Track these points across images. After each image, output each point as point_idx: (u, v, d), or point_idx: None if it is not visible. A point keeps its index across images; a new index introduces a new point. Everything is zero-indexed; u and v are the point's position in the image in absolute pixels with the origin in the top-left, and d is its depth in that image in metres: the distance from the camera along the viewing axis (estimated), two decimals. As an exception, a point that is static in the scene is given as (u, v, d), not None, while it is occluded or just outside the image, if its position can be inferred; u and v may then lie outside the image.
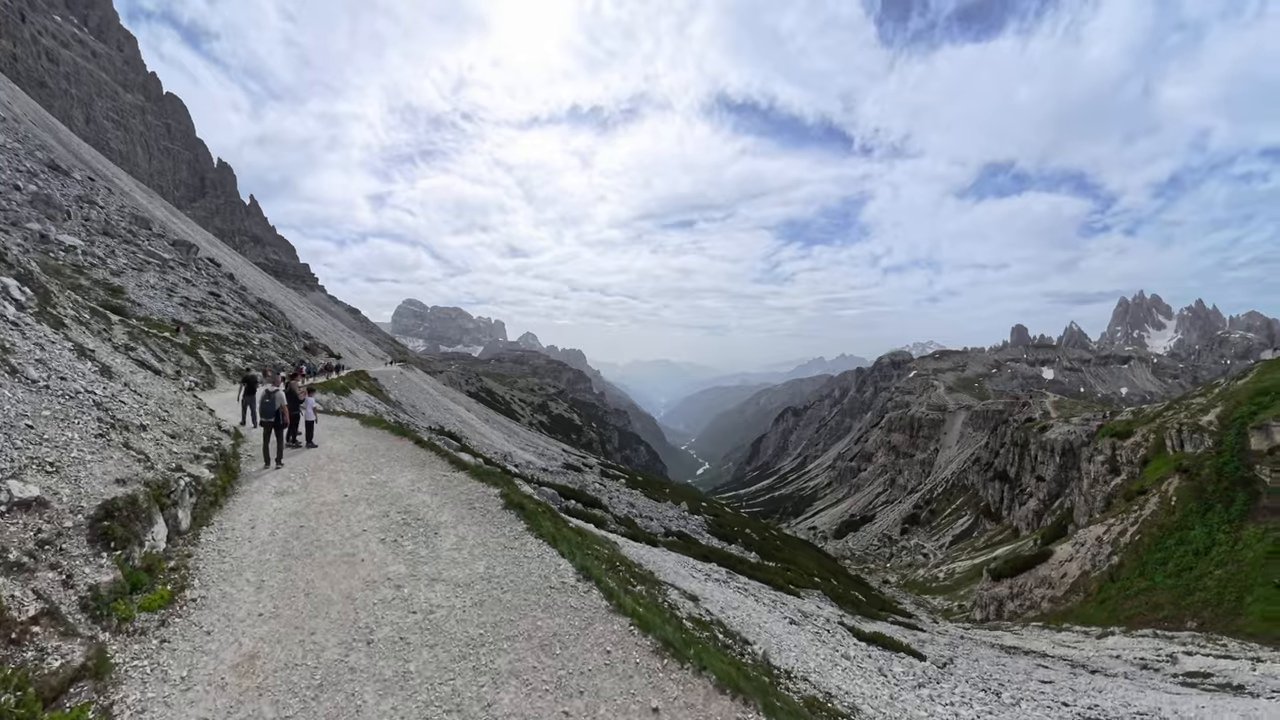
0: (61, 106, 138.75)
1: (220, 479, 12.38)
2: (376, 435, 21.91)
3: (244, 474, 14.81)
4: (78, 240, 42.31)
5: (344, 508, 12.56)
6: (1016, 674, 20.92)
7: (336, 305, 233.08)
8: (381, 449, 19.10)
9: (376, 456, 17.84)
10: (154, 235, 58.48)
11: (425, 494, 13.91)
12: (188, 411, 15.61)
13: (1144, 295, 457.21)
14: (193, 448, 12.52)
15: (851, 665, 16.48)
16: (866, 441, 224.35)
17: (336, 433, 21.98)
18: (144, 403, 12.90)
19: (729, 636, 13.65)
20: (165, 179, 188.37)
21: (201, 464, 11.94)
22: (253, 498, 12.92)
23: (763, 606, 20.60)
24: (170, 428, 12.69)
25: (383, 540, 10.84)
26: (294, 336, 66.15)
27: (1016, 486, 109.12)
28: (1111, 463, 59.31)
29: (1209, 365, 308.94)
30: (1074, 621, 38.68)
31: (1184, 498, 44.71)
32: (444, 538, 11.26)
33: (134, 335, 27.93)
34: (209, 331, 41.77)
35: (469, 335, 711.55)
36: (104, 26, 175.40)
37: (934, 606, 62.09)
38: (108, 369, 13.39)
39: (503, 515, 12.75)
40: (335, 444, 19.71)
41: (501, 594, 9.13)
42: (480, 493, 14.25)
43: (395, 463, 16.93)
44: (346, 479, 14.91)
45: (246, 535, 10.64)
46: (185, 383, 27.50)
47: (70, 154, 74.58)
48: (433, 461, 17.45)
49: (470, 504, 13.38)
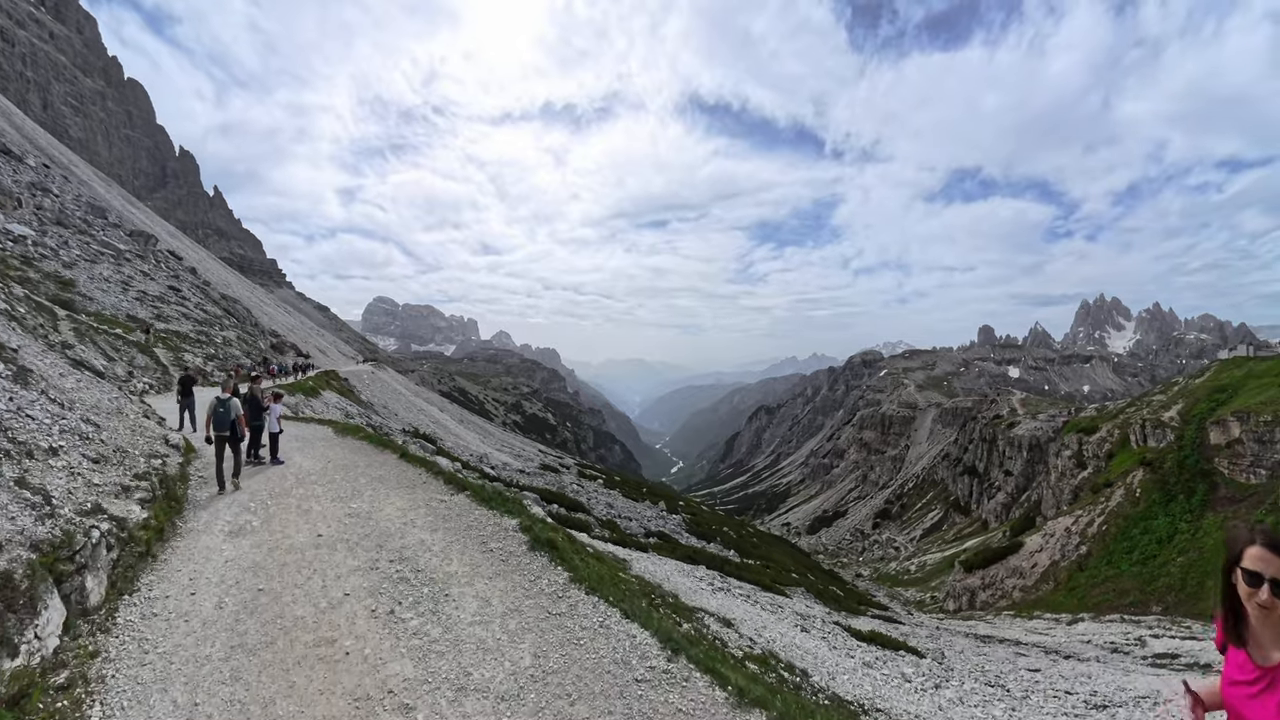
0: (17, 90, 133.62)
1: (157, 516, 9.62)
2: (353, 447, 19.23)
3: (191, 501, 12.04)
4: (28, 230, 40.55)
5: (318, 555, 9.70)
6: (1003, 664, 21.31)
7: (305, 302, 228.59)
8: (361, 465, 16.41)
9: (355, 475, 15.13)
10: (110, 225, 56.40)
11: (422, 529, 11.20)
12: (129, 422, 13.42)
13: (1104, 298, 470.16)
14: (123, 474, 9.86)
15: (876, 674, 15.94)
16: (839, 439, 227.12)
17: (306, 444, 19.33)
18: (62, 416, 10.38)
19: (789, 670, 12.64)
20: (125, 168, 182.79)
21: (131, 498, 9.24)
22: (199, 540, 10.05)
23: (774, 616, 20.05)
24: (95, 448, 10.12)
25: (374, 612, 7.88)
26: (260, 334, 64.68)
27: (985, 481, 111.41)
28: (1078, 457, 60.87)
29: (1166, 365, 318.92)
30: (1045, 609, 39.61)
31: (1148, 489, 46.12)
32: (461, 603, 8.27)
33: (81, 332, 26.78)
34: (167, 329, 40.32)
35: (441, 334, 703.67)
36: (62, 6, 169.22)
37: (907, 598, 63.06)
38: (24, 372, 11.05)
39: (529, 558, 10.04)
40: (305, 459, 17.01)
41: (571, 706, 6.27)
42: (492, 525, 11.52)
43: (379, 483, 14.29)
44: (320, 508, 12.20)
45: (183, 609, 7.65)
46: (138, 384, 25.82)
47: (24, 139, 71.83)
48: (424, 481, 14.66)
49: (483, 542, 10.62)
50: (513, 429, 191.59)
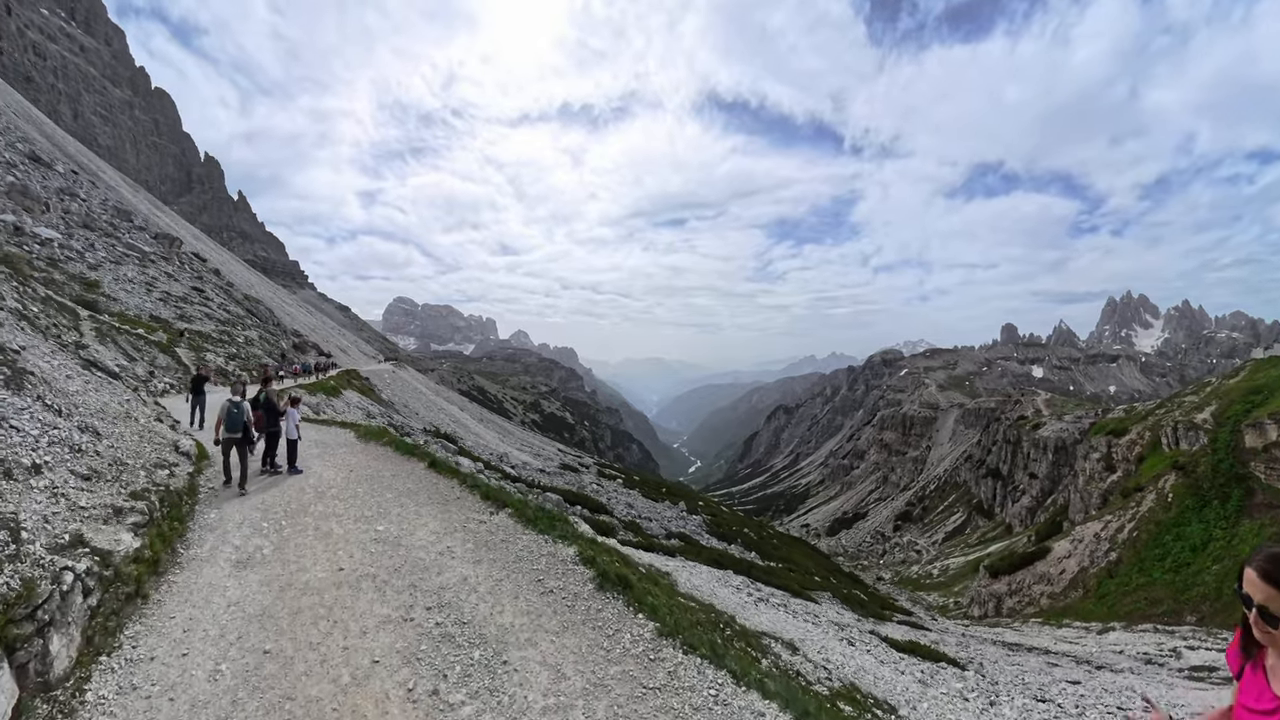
0: (49, 101, 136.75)
1: (152, 544, 8.23)
2: (377, 454, 17.81)
3: (198, 521, 10.68)
4: (55, 233, 41.21)
5: (339, 598, 8.10)
6: (1039, 674, 20.79)
7: (326, 303, 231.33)
8: (386, 475, 15.05)
9: (381, 488, 13.79)
10: (135, 228, 57.38)
11: (463, 560, 9.53)
12: (137, 427, 12.56)
13: (1131, 295, 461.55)
14: (116, 493, 8.56)
15: (934, 692, 15.22)
16: (859, 439, 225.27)
17: (327, 450, 18.04)
18: (54, 426, 9.08)
19: (878, 706, 11.71)
20: (152, 174, 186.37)
21: (123, 523, 7.96)
22: (200, 572, 8.47)
23: (819, 629, 19.36)
24: (88, 462, 8.88)
25: (411, 691, 6.14)
26: (282, 334, 65.40)
27: (1009, 483, 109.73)
28: (1107, 460, 59.62)
29: (1195, 364, 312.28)
30: (1074, 617, 38.76)
31: (1180, 494, 44.97)
32: (525, 674, 6.52)
33: (102, 332, 26.95)
34: (190, 328, 40.74)
35: (460, 333, 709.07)
36: (91, 20, 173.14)
37: (930, 603, 62.21)
38: (21, 375, 9.98)
39: (600, 601, 8.38)
40: (325, 468, 15.72)
41: None
42: (545, 554, 9.83)
43: (407, 498, 12.95)
44: (341, 530, 10.70)
45: (170, 678, 6.05)
46: (158, 384, 25.80)
47: (54, 147, 73.29)
48: (458, 496, 13.16)
49: (539, 580, 8.91)
50: (531, 428, 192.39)
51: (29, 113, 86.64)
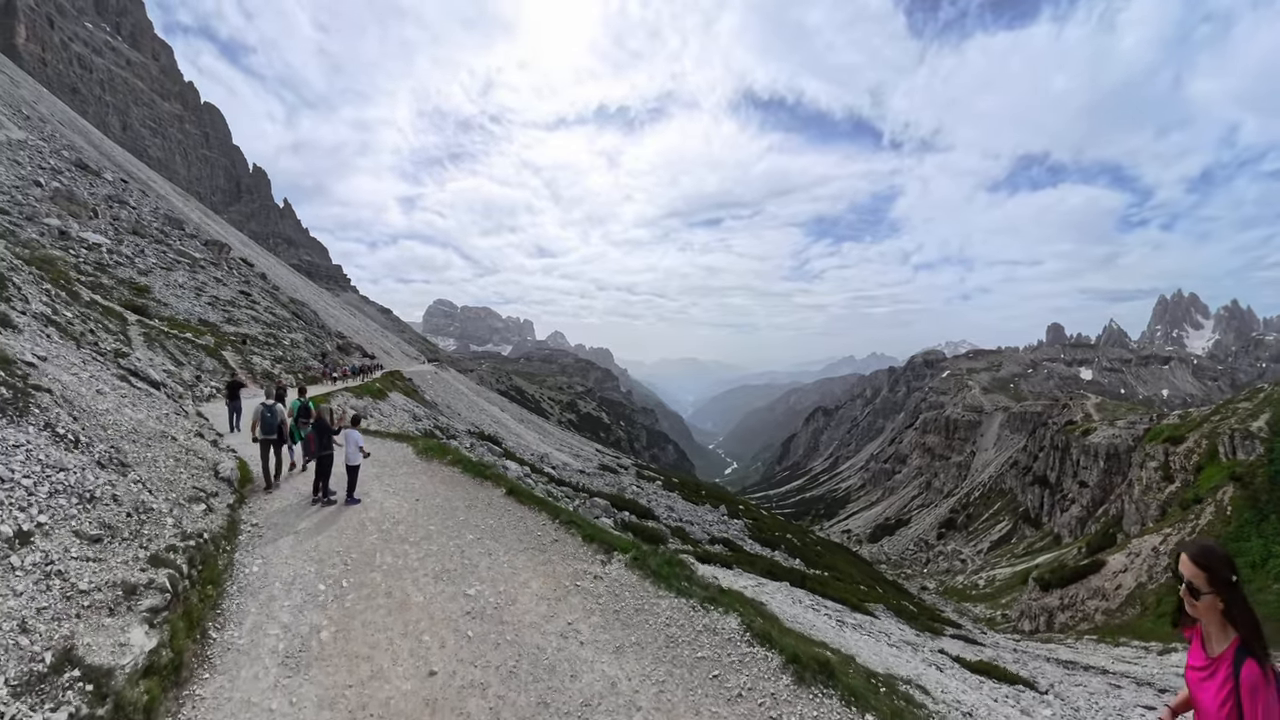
0: (96, 113, 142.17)
1: (174, 636, 6.19)
2: (444, 476, 15.41)
3: (237, 580, 8.67)
4: (103, 238, 41.75)
5: None
6: (1108, 696, 20.18)
7: (369, 305, 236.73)
8: (459, 506, 12.84)
9: (456, 524, 11.69)
10: (186, 236, 58.81)
11: (598, 649, 7.26)
12: (174, 449, 11.09)
13: (1182, 294, 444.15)
14: (133, 558, 6.75)
15: None
16: (900, 443, 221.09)
17: (385, 471, 15.94)
18: (59, 467, 7.12)
19: None
20: (202, 185, 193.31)
21: (136, 610, 6.00)
22: (234, 683, 6.21)
23: (912, 654, 18.35)
24: (101, 514, 7.00)
25: None
26: (327, 336, 66.88)
27: (1057, 492, 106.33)
28: (1164, 469, 57.49)
29: (1245, 368, 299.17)
30: (1131, 635, 37.42)
31: (1239, 507, 43.18)
32: None
33: (150, 337, 27.07)
34: (237, 331, 40.84)
35: (498, 334, 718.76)
36: (137, 35, 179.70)
37: (976, 615, 60.79)
38: (28, 395, 8.15)
39: (810, 703, 6.39)
40: (387, 496, 13.60)
41: None
42: (701, 629, 7.66)
43: (492, 539, 10.90)
44: (422, 598, 8.45)
45: None
46: (204, 389, 25.55)
47: (102, 156, 75.94)
48: (555, 538, 11.03)
49: (714, 677, 6.70)
50: (568, 427, 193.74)
51: (75, 122, 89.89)
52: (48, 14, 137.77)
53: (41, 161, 49.80)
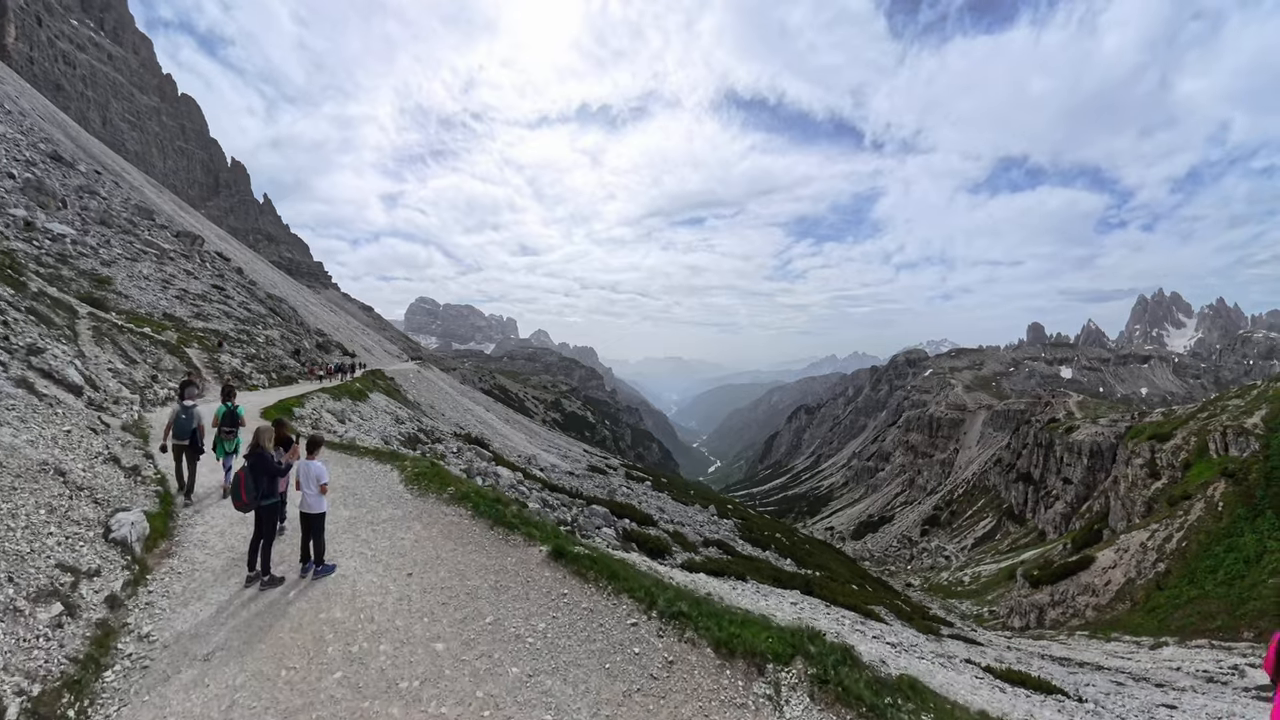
0: (78, 109, 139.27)
1: None
2: (451, 529, 10.83)
3: None
4: (69, 229, 40.20)
5: None
6: (1126, 698, 19.79)
7: (350, 302, 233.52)
8: (483, 588, 8.46)
9: (483, 633, 7.32)
10: (156, 226, 56.86)
11: None
12: (52, 494, 8.20)
13: (1163, 293, 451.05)
14: None
15: None
16: (883, 441, 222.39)
17: (362, 514, 11.77)
18: None
19: None
20: (180, 178, 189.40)
21: None
22: None
23: (962, 674, 16.88)
24: None
25: None
26: (305, 333, 65.29)
27: (1041, 488, 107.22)
28: (1151, 466, 57.80)
29: (1231, 365, 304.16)
30: (1123, 631, 37.37)
31: (1231, 503, 43.32)
32: None
33: (100, 331, 24.36)
34: (206, 327, 38.88)
35: (481, 333, 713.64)
36: (120, 29, 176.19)
37: (963, 611, 60.79)
38: None
39: None
40: (367, 567, 9.25)
41: None
42: None
43: (555, 675, 6.64)
44: None
45: None
46: (159, 391, 22.21)
47: (78, 149, 73.80)
48: (667, 651, 6.95)
49: None
50: (553, 426, 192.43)
51: (55, 116, 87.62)
52: (36, 13, 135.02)
53: (16, 154, 48.27)
